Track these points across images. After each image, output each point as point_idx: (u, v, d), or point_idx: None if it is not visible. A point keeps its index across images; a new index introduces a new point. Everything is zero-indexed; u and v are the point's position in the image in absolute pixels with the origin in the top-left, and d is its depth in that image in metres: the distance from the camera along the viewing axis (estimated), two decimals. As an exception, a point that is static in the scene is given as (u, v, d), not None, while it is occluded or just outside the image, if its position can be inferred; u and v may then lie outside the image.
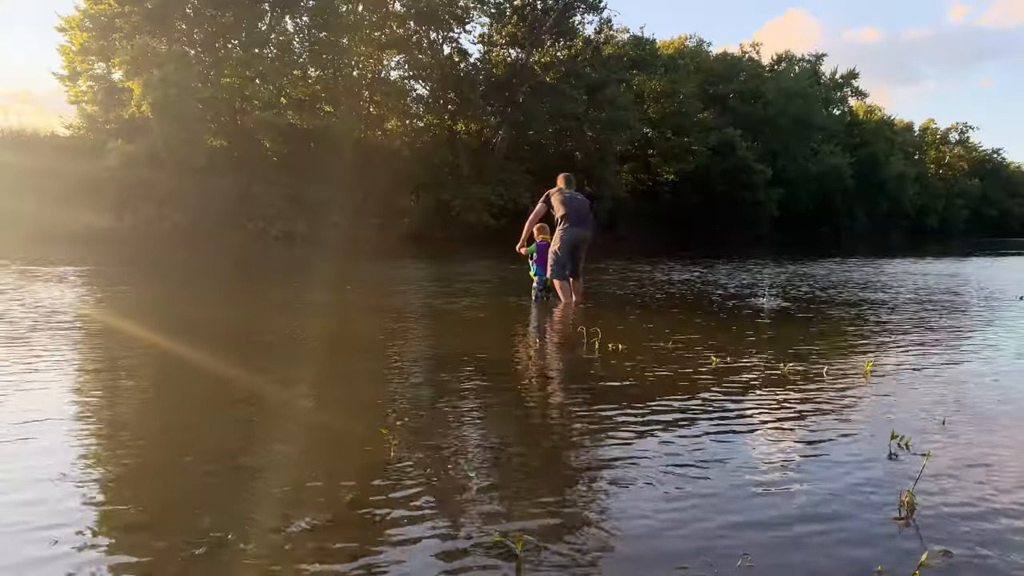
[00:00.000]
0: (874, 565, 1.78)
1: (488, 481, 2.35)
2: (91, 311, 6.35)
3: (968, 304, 7.87)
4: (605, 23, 36.30)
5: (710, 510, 2.11)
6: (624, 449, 2.67)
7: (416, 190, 29.54)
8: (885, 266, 15.53)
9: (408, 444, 2.66)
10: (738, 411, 3.24)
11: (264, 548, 1.84)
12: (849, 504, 2.17)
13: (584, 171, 35.52)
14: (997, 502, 2.20)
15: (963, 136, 77.72)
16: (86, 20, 25.12)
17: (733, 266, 14.42)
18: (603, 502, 2.19)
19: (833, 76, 57.08)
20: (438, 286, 9.81)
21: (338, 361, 4.52)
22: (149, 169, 22.56)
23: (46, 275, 9.44)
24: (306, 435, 2.82)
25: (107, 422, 2.99)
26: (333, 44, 27.38)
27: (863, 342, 5.24)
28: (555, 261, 7.09)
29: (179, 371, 4.12)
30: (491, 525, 1.99)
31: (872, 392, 3.61)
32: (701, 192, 40.76)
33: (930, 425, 3.01)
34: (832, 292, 9.05)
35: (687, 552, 1.85)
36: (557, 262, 7.08)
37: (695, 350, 4.69)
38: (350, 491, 2.21)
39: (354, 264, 14.92)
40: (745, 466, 2.50)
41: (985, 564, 1.81)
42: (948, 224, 67.82)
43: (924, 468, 2.38)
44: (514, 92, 33.61)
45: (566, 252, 7.08)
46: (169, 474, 2.38)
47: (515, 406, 3.36)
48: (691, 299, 8.03)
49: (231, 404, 3.32)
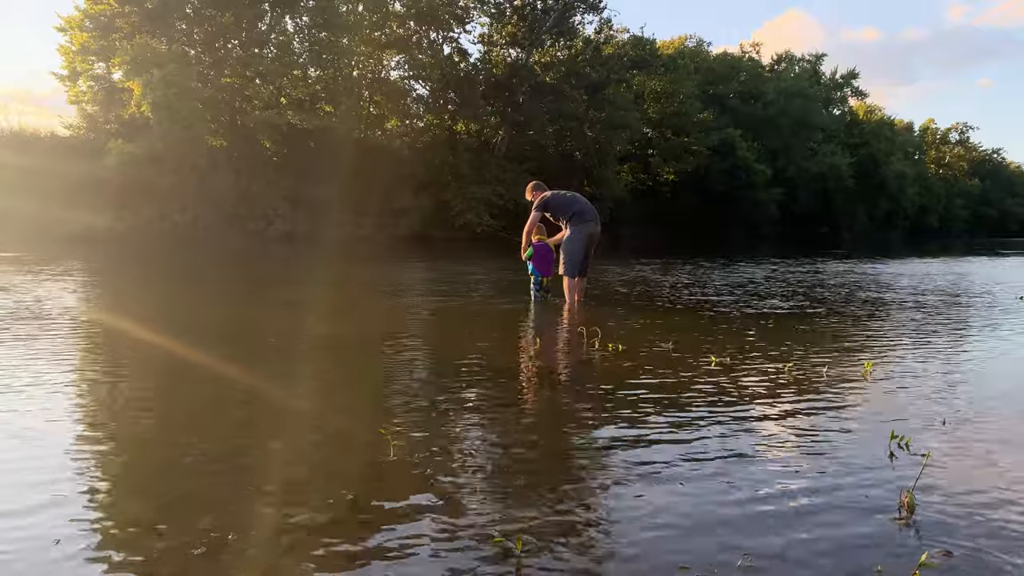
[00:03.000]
0: (874, 565, 1.78)
1: (488, 481, 2.35)
2: (91, 311, 6.36)
3: (968, 304, 7.87)
4: (605, 23, 36.34)
5: (710, 510, 2.11)
6: (624, 449, 2.68)
7: (416, 190, 29.53)
8: (885, 266, 15.53)
9: (408, 444, 2.66)
10: (738, 411, 3.24)
11: (264, 548, 1.84)
12: (849, 504, 2.17)
13: (584, 171, 35.58)
14: (997, 502, 2.20)
15: (963, 136, 77.80)
16: (86, 20, 25.15)
17: (733, 266, 14.42)
18: (603, 502, 2.19)
19: (833, 76, 57.10)
20: (438, 286, 9.82)
21: (338, 361, 4.52)
22: (149, 169, 22.56)
23: (46, 275, 9.44)
24: (306, 435, 2.82)
25: (107, 422, 2.99)
26: (333, 44, 27.39)
27: (863, 342, 5.24)
28: (569, 259, 7.03)
29: (179, 371, 4.12)
30: (491, 525, 1.99)
31: (872, 392, 3.61)
32: (701, 192, 40.78)
33: (930, 425, 3.01)
34: (832, 292, 9.05)
35: (687, 552, 1.85)
36: (572, 260, 7.02)
37: (695, 350, 4.69)
38: (350, 491, 2.21)
39: (353, 264, 14.92)
40: (745, 466, 2.50)
41: (985, 564, 1.81)
42: (948, 224, 67.85)
43: (924, 468, 2.38)
44: (514, 92, 33.62)
45: (581, 249, 7.05)
46: (169, 474, 2.38)
47: (515, 406, 3.36)
48: (691, 299, 8.03)
49: (231, 404, 3.32)
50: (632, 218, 36.52)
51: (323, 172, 25.65)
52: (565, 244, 7.13)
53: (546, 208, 7.26)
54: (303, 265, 14.87)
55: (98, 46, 25.14)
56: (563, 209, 7.22)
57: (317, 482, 2.31)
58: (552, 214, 7.32)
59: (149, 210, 23.03)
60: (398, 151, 30.69)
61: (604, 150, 35.66)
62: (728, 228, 40.60)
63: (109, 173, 22.16)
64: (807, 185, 48.00)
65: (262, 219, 25.39)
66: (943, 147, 77.16)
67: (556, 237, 7.36)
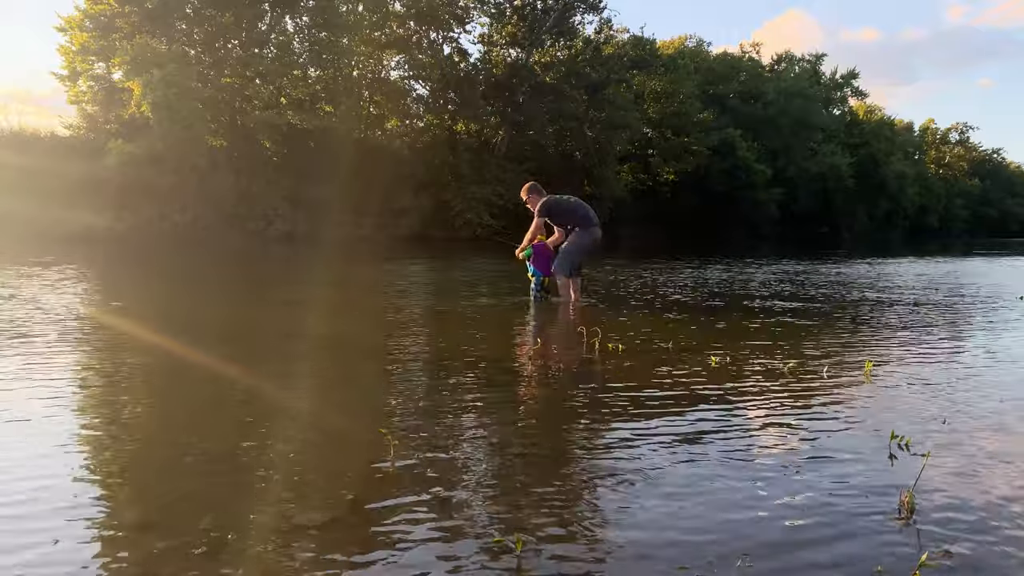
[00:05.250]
0: (874, 565, 1.78)
1: (488, 481, 2.35)
2: (91, 311, 6.35)
3: (968, 304, 7.87)
4: (605, 23, 36.37)
5: (710, 510, 2.11)
6: (624, 449, 2.68)
7: (416, 190, 29.53)
8: (885, 266, 15.53)
9: (408, 444, 2.66)
10: (738, 411, 3.24)
11: (264, 548, 1.84)
12: (849, 504, 2.17)
13: (584, 171, 35.60)
14: (997, 502, 2.20)
15: (963, 136, 77.85)
16: (86, 20, 25.15)
17: (732, 266, 14.42)
18: (603, 502, 2.19)
19: (833, 76, 57.14)
20: (437, 286, 9.81)
21: (338, 361, 4.52)
22: (149, 169, 22.56)
23: (46, 275, 9.43)
24: (306, 435, 2.82)
25: (107, 422, 2.99)
26: (333, 44, 27.39)
27: (863, 342, 5.24)
28: (569, 260, 7.09)
29: (179, 371, 4.12)
30: (491, 525, 1.99)
31: (872, 392, 3.61)
32: (701, 192, 40.81)
33: (930, 425, 3.01)
34: (832, 291, 9.04)
35: (687, 552, 1.85)
36: (572, 261, 7.09)
37: (695, 350, 4.69)
38: (350, 491, 2.21)
39: (353, 264, 14.92)
40: (745, 466, 2.50)
41: (985, 564, 1.81)
42: (948, 224, 67.89)
43: (924, 468, 2.38)
44: (514, 92, 33.64)
45: (583, 252, 7.16)
46: (169, 474, 2.38)
47: (515, 406, 3.36)
48: (690, 299, 8.03)
49: (231, 404, 3.32)
50: (632, 218, 36.54)
51: (323, 172, 25.66)
52: (568, 246, 7.14)
53: (548, 213, 7.26)
54: (303, 265, 14.86)
55: (98, 46, 25.14)
56: (567, 215, 7.24)
57: (317, 482, 2.31)
58: (554, 219, 7.32)
59: (149, 210, 23.03)
60: (398, 151, 30.70)
61: (604, 150, 35.67)
62: (728, 228, 40.62)
63: (109, 173, 22.16)
64: (807, 185, 48.02)
65: (262, 219, 25.39)
66: (943, 147, 77.17)
67: (554, 239, 7.36)
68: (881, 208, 56.72)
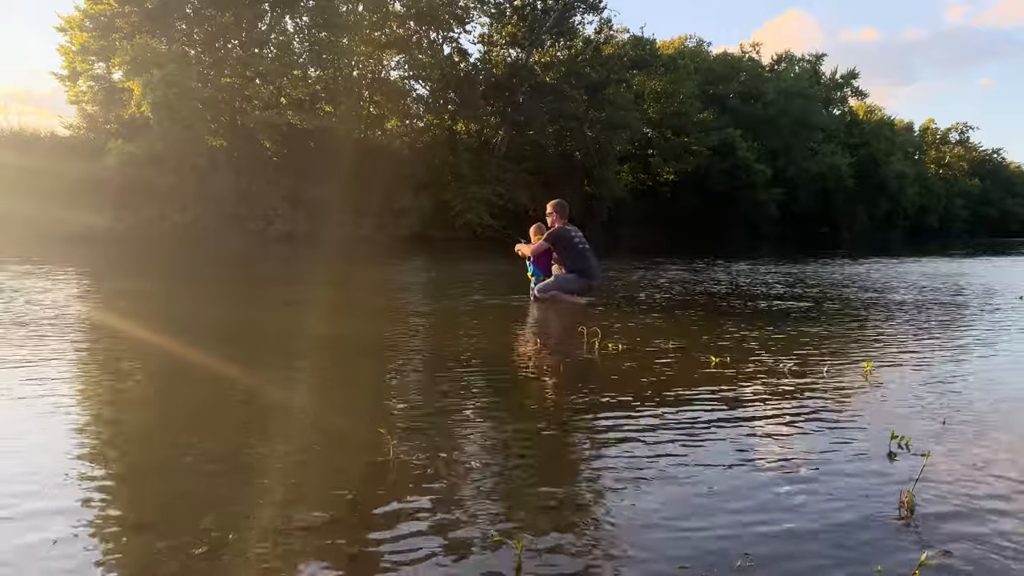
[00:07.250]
0: (874, 565, 1.78)
1: (488, 481, 2.35)
2: (91, 311, 6.35)
3: (968, 304, 7.87)
4: (605, 23, 36.35)
5: (710, 510, 2.11)
6: (624, 449, 2.67)
7: (416, 190, 29.52)
8: (885, 266, 15.52)
9: (408, 444, 2.66)
10: (738, 411, 3.24)
11: (264, 548, 1.84)
12: (849, 504, 2.17)
13: (584, 171, 35.59)
14: (997, 502, 2.20)
15: (963, 136, 77.83)
16: (86, 20, 25.13)
17: (732, 266, 14.42)
18: (603, 502, 2.19)
19: (833, 76, 57.12)
20: (437, 286, 9.81)
21: (338, 361, 4.52)
22: (149, 169, 22.54)
23: (46, 275, 9.43)
24: (306, 435, 2.82)
25: (107, 421, 2.99)
26: (333, 44, 27.37)
27: (863, 342, 5.24)
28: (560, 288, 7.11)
29: (179, 371, 4.12)
30: (491, 525, 1.99)
31: (872, 392, 3.61)
32: (701, 192, 40.79)
33: (930, 425, 3.01)
34: (832, 292, 9.04)
35: (687, 552, 1.85)
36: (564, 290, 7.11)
37: (695, 350, 4.69)
38: (350, 491, 2.21)
39: (353, 264, 14.92)
40: (745, 466, 2.50)
41: (985, 564, 1.81)
42: (948, 224, 67.85)
43: (924, 468, 2.38)
44: (514, 92, 33.62)
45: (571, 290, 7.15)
46: (169, 474, 2.38)
47: (515, 406, 3.36)
48: (690, 299, 8.03)
49: (231, 404, 3.32)
50: (632, 218, 36.55)
51: (323, 172, 25.64)
52: (561, 279, 7.16)
53: (555, 242, 7.24)
54: (303, 265, 14.86)
55: (98, 46, 25.12)
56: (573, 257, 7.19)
57: (317, 482, 2.31)
58: (558, 251, 7.29)
59: (149, 210, 23.01)
60: (398, 151, 30.69)
61: (604, 150, 35.65)
62: (728, 228, 40.60)
63: (109, 173, 22.14)
64: (807, 185, 48.01)
65: (262, 219, 25.37)
66: (943, 147, 77.16)
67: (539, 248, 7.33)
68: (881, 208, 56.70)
